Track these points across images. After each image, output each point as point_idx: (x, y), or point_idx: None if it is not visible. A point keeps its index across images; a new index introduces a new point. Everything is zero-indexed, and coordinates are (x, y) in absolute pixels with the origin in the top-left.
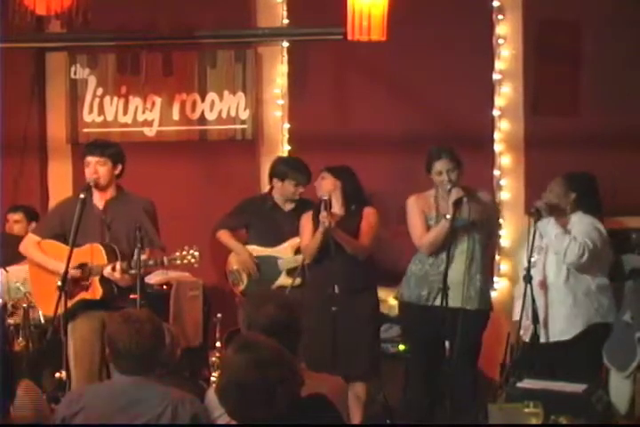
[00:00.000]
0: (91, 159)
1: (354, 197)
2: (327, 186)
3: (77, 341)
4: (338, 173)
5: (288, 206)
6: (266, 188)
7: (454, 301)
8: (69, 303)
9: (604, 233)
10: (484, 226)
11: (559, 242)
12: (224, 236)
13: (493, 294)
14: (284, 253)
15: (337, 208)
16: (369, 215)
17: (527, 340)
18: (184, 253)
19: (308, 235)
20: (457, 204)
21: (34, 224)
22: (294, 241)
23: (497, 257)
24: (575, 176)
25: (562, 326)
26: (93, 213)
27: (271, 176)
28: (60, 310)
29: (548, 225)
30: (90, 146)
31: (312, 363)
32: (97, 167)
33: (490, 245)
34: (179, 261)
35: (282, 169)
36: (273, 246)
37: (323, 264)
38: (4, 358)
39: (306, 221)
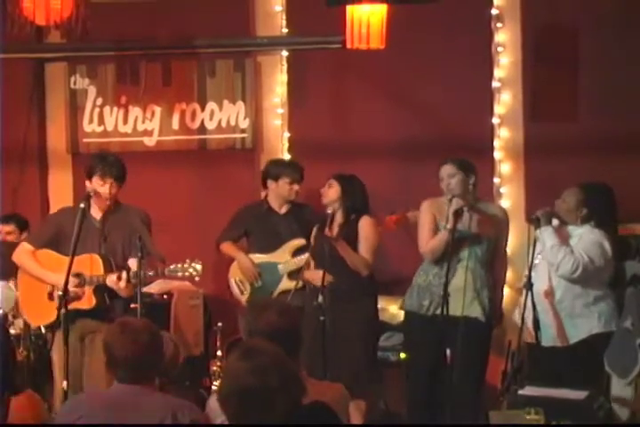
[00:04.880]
0: (110, 180)
1: (356, 206)
2: (333, 194)
3: (68, 354)
4: (345, 182)
5: (283, 209)
6: None
7: (454, 309)
8: (62, 312)
9: (608, 250)
10: (489, 239)
11: (554, 254)
12: (226, 247)
13: None
14: (282, 257)
15: (338, 218)
16: (365, 226)
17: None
18: (185, 265)
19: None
20: (457, 214)
21: (25, 234)
22: (290, 244)
23: None
24: (592, 189)
25: (564, 334)
26: (90, 223)
27: (264, 179)
28: (59, 318)
29: (545, 234)
30: (112, 167)
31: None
32: (112, 189)
33: (498, 257)
34: (180, 273)
35: (273, 169)
36: (272, 250)
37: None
38: (8, 367)
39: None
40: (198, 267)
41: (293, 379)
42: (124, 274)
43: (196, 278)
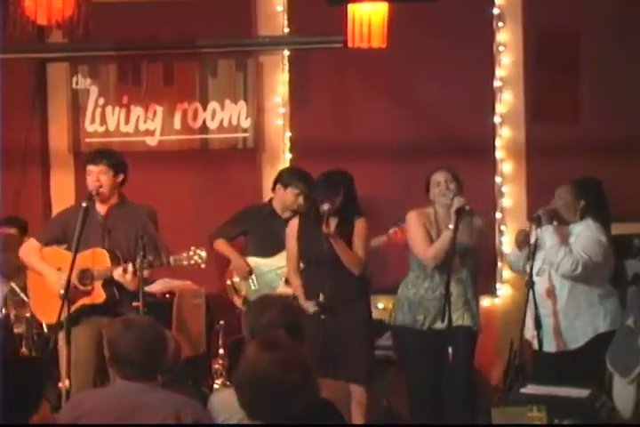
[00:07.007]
0: (92, 168)
1: (349, 205)
2: (339, 201)
3: (73, 351)
4: (349, 184)
5: (285, 214)
6: (268, 196)
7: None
8: (71, 309)
9: (607, 245)
10: (476, 250)
11: (554, 254)
12: (220, 244)
13: (496, 301)
14: (282, 262)
15: (336, 218)
16: (359, 228)
17: (535, 347)
18: (190, 253)
19: (292, 243)
20: (459, 212)
21: (25, 239)
22: None
23: (499, 264)
24: (584, 183)
25: (569, 335)
26: (95, 219)
27: (276, 182)
28: (63, 317)
29: (546, 234)
30: (92, 155)
31: None
32: (99, 176)
33: (477, 269)
34: (185, 262)
35: (287, 176)
36: (272, 254)
37: (314, 272)
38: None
39: (291, 229)
40: (203, 254)
41: (312, 378)
42: (129, 267)
43: (202, 266)
